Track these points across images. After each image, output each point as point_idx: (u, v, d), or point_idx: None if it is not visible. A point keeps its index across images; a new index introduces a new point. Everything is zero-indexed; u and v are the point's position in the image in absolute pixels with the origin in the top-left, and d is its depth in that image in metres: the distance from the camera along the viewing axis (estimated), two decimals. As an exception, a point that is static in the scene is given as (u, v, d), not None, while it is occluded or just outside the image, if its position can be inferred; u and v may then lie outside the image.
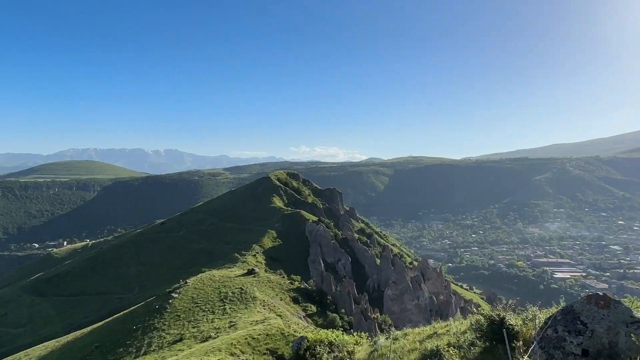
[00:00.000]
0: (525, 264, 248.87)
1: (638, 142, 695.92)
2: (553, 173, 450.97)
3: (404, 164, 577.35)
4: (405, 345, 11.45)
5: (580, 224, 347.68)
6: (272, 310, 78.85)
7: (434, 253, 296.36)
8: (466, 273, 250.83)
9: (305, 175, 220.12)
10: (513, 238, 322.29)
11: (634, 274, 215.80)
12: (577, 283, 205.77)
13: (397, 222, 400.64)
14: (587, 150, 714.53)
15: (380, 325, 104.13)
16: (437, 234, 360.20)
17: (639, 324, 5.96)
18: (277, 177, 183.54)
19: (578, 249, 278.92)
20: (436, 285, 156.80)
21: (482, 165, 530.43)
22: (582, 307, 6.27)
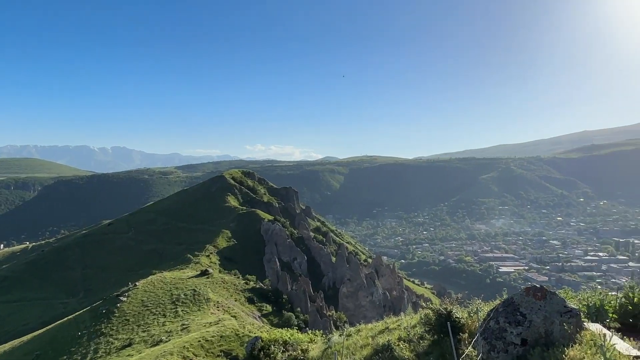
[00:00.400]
0: (473, 259, 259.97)
1: (574, 144, 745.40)
2: (498, 172, 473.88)
3: (359, 163, 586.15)
4: (358, 341, 11.65)
5: (523, 220, 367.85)
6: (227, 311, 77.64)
7: (387, 250, 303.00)
8: (418, 269, 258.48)
9: (260, 174, 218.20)
10: (462, 234, 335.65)
11: (571, 266, 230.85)
12: (520, 276, 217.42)
13: (353, 221, 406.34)
14: (529, 151, 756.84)
15: (335, 323, 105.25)
16: (391, 231, 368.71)
17: (572, 313, 6.41)
18: (231, 176, 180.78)
19: (521, 244, 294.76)
20: (389, 282, 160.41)
21: (433, 165, 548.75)
22: (521, 299, 6.65)
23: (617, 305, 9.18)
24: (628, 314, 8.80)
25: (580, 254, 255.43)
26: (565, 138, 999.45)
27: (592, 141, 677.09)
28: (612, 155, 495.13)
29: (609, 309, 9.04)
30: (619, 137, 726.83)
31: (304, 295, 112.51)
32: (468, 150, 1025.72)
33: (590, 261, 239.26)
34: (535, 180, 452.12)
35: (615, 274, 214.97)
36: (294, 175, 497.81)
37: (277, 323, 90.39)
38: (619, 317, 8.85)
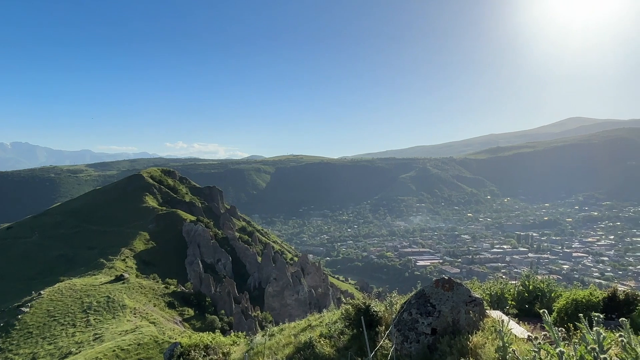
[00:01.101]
0: (393, 254, 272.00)
1: (483, 146, 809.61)
2: (416, 172, 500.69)
3: (285, 162, 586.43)
4: (280, 341, 11.63)
5: (438, 216, 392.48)
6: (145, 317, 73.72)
7: (313, 248, 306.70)
8: (342, 265, 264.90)
9: (182, 173, 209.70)
10: (383, 231, 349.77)
11: (479, 259, 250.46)
12: (435, 269, 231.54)
13: (279, 220, 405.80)
14: (443, 152, 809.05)
15: (261, 323, 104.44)
16: (317, 229, 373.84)
17: (476, 302, 6.93)
18: (150, 175, 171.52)
19: (436, 239, 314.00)
20: (315, 279, 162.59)
21: (357, 164, 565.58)
22: (431, 290, 7.05)
23: (515, 293, 10.15)
24: (524, 301, 9.76)
25: (487, 247, 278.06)
26: (474, 140, 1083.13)
27: (498, 144, 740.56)
28: (514, 157, 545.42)
29: (508, 297, 9.96)
30: (520, 140, 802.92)
31: (228, 297, 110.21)
32: (389, 151, 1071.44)
33: (496, 253, 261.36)
34: (449, 179, 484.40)
35: (517, 264, 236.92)
36: (218, 174, 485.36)
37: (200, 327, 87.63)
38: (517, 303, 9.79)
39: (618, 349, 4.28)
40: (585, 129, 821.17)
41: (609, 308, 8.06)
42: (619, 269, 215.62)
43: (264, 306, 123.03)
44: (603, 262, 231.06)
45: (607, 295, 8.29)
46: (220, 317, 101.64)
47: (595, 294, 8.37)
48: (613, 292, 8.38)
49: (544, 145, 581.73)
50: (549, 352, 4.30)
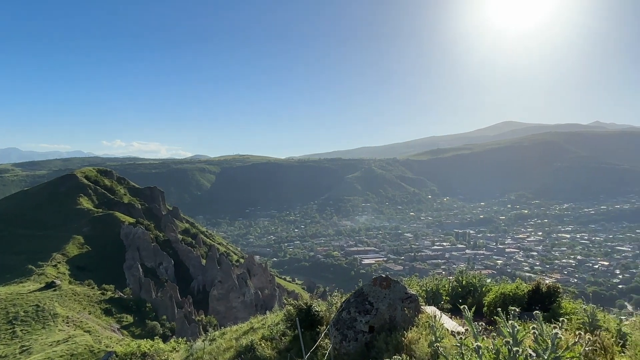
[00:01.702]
0: (340, 254, 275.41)
1: (424, 147, 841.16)
2: (362, 172, 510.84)
3: (231, 162, 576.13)
4: (221, 345, 11.36)
5: (382, 216, 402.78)
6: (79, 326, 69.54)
7: (260, 249, 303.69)
8: (290, 266, 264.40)
9: (121, 173, 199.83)
10: (330, 231, 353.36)
11: (421, 256, 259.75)
12: (380, 267, 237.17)
13: (224, 221, 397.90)
14: (387, 153, 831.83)
15: (205, 327, 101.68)
16: (264, 230, 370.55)
17: (411, 298, 7.15)
18: (85, 175, 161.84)
19: (380, 237, 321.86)
20: (262, 281, 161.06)
21: (304, 164, 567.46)
22: (369, 289, 7.19)
23: (450, 288, 10.61)
24: (458, 296, 10.22)
25: (428, 245, 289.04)
26: (417, 142, 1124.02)
27: (438, 145, 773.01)
28: (453, 158, 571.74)
29: (443, 293, 10.39)
30: (459, 142, 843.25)
31: (170, 301, 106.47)
32: (336, 152, 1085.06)
33: (436, 250, 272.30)
34: (393, 179, 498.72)
35: (456, 260, 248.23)
36: (160, 174, 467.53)
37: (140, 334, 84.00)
38: (451, 298, 10.23)
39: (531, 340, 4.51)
40: (516, 133, 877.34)
41: (533, 300, 8.64)
42: (546, 263, 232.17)
43: (209, 310, 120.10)
44: (532, 256, 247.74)
45: (531, 289, 8.90)
46: (162, 323, 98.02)
47: (521, 287, 8.95)
48: (537, 285, 8.99)
49: (480, 148, 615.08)
50: (468, 346, 4.55)
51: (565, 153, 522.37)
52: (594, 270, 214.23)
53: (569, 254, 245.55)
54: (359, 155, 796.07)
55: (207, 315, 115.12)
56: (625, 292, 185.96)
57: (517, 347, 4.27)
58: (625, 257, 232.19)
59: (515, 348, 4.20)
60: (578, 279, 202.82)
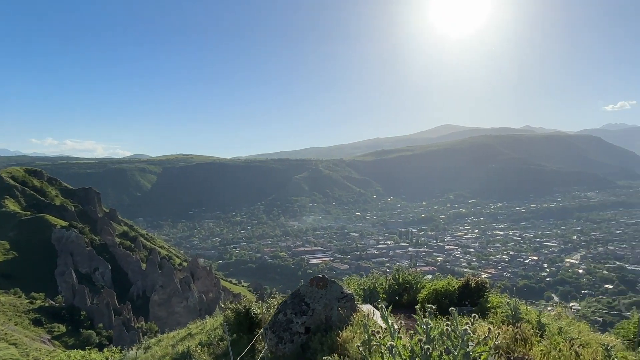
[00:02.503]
0: (287, 254, 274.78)
1: (370, 148, 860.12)
2: (309, 172, 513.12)
3: (173, 161, 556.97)
4: (156, 353, 10.87)
5: (329, 216, 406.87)
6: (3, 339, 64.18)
7: (204, 251, 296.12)
8: (236, 268, 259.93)
9: (52, 173, 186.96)
10: (277, 231, 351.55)
11: (367, 255, 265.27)
12: (327, 267, 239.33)
13: (167, 223, 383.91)
14: (334, 154, 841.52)
15: (145, 334, 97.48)
16: (208, 232, 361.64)
17: (347, 298, 7.23)
18: (11, 175, 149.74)
19: (327, 237, 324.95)
20: (206, 284, 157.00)
21: (251, 165, 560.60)
22: (306, 289, 7.18)
23: (387, 286, 10.88)
24: (395, 293, 10.51)
25: (373, 244, 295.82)
26: (362, 144, 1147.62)
27: (383, 147, 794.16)
28: (397, 159, 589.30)
29: (380, 290, 10.64)
30: (402, 144, 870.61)
31: (107, 308, 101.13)
32: (283, 152, 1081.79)
33: (381, 249, 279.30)
34: (339, 180, 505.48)
35: (399, 258, 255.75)
36: (96, 174, 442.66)
37: (74, 344, 79.00)
38: (388, 296, 10.50)
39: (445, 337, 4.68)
40: (455, 135, 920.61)
41: (463, 295, 9.06)
42: (482, 259, 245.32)
43: (149, 316, 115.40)
44: (470, 253, 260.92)
45: (462, 284, 9.33)
46: (98, 332, 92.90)
47: (452, 283, 9.36)
48: (466, 281, 9.45)
49: (421, 149, 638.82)
50: (381, 344, 4.62)
51: (499, 155, 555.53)
52: (525, 265, 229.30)
53: (503, 250, 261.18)
54: (306, 155, 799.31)
55: (148, 321, 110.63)
56: (552, 284, 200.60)
57: (427, 345, 4.30)
58: (552, 252, 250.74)
59: (426, 346, 4.23)
60: (511, 273, 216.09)
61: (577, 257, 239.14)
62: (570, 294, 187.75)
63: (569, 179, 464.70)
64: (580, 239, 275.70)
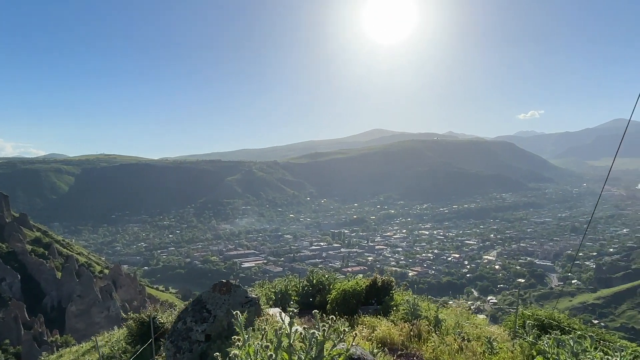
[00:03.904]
0: (219, 258, 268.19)
1: (304, 151, 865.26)
2: (242, 174, 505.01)
3: (94, 162, 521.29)
4: (54, 370, 9.96)
5: (263, 218, 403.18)
6: None
7: (129, 258, 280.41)
8: (163, 274, 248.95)
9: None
10: (208, 235, 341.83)
11: (300, 256, 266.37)
12: (260, 269, 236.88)
13: (86, 228, 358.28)
14: (268, 156, 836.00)
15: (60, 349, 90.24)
16: (133, 237, 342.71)
17: (251, 302, 7.10)
18: None
19: (261, 240, 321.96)
20: (130, 292, 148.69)
21: (180, 166, 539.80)
22: (208, 295, 6.95)
23: (301, 288, 10.91)
24: (308, 294, 10.57)
25: (307, 245, 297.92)
26: (296, 146, 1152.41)
27: (317, 149, 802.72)
28: (330, 162, 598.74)
29: (292, 293, 10.63)
30: (335, 147, 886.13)
31: (15, 322, 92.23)
32: (215, 153, 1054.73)
33: (314, 250, 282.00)
34: (273, 182, 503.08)
35: (332, 259, 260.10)
36: (4, 175, 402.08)
37: (-28, 365, 71.26)
38: (301, 298, 10.53)
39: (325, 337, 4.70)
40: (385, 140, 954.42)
41: (370, 294, 9.33)
42: (409, 258, 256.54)
43: (66, 329, 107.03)
44: (398, 252, 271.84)
45: (369, 284, 9.60)
46: (5, 349, 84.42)
47: (360, 283, 9.60)
48: (374, 280, 9.75)
49: (354, 153, 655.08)
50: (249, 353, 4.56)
51: (425, 159, 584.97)
52: (448, 262, 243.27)
53: (428, 249, 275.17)
54: (239, 157, 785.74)
55: (64, 334, 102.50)
56: (472, 280, 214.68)
57: (279, 349, 4.31)
58: (472, 250, 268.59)
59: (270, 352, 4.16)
60: (435, 271, 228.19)
61: (494, 254, 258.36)
62: (488, 289, 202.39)
63: (486, 182, 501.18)
64: (497, 237, 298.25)
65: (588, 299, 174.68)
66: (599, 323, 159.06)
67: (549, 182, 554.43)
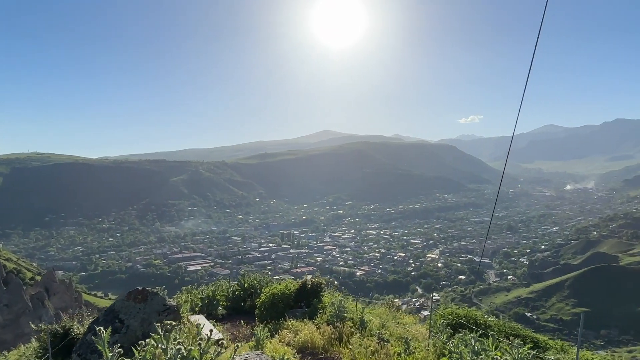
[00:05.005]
0: (162, 262, 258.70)
1: (253, 151, 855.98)
2: (188, 175, 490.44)
3: (25, 161, 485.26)
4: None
5: (210, 220, 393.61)
6: None
7: (64, 263, 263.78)
8: (102, 280, 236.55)
9: None
10: (151, 238, 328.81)
11: (248, 258, 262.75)
12: (206, 273, 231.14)
13: (16, 232, 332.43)
14: (215, 156, 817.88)
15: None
16: (69, 241, 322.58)
17: (170, 310, 6.80)
18: None
19: (208, 242, 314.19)
20: (64, 299, 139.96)
21: (121, 166, 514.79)
22: (122, 304, 6.57)
23: (231, 292, 10.64)
24: (240, 299, 10.32)
25: (255, 247, 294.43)
26: (245, 146, 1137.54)
27: (266, 150, 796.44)
28: (279, 163, 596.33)
29: (221, 298, 10.34)
30: (285, 148, 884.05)
31: None
32: (159, 152, 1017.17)
33: (263, 252, 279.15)
34: (221, 182, 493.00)
35: (281, 260, 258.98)
36: None
37: None
38: (232, 302, 10.27)
39: None
40: (334, 141, 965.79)
41: (300, 296, 9.27)
42: (357, 257, 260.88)
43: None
44: (347, 252, 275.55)
45: (299, 286, 9.54)
46: None
47: (289, 286, 9.52)
48: (304, 282, 9.70)
49: (303, 154, 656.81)
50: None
51: (373, 160, 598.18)
52: (394, 261, 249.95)
53: (375, 248, 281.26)
54: (185, 157, 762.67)
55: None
56: (417, 277, 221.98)
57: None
58: (417, 249, 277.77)
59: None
60: (382, 270, 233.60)
61: (437, 252, 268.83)
62: (432, 286, 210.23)
63: (430, 183, 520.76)
64: (440, 236, 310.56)
65: (522, 293, 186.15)
66: (532, 316, 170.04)
67: (487, 183, 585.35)
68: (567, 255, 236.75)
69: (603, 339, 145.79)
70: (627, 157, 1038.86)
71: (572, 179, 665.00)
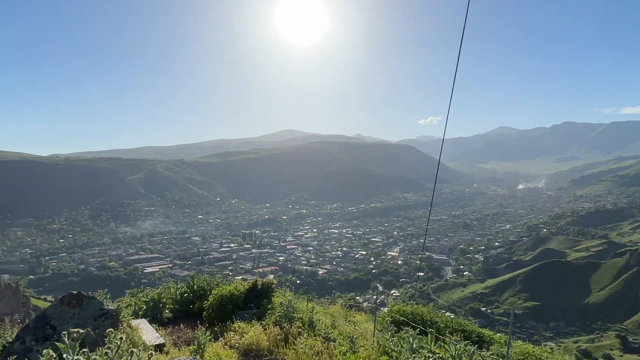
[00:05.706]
0: (118, 264, 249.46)
1: (213, 150, 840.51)
2: (145, 173, 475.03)
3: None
4: None
5: (168, 220, 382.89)
6: None
7: (10, 266, 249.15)
8: (53, 283, 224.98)
9: None
10: (105, 239, 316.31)
11: (209, 259, 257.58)
12: (165, 274, 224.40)
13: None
14: (174, 154, 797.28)
15: None
16: (16, 242, 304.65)
17: (107, 315, 6.49)
18: None
19: (166, 243, 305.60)
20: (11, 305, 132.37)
21: (73, 164, 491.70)
22: (54, 310, 6.20)
23: (179, 295, 10.33)
24: (189, 301, 10.03)
25: (216, 247, 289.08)
26: (205, 144, 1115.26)
27: (227, 148, 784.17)
28: (241, 161, 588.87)
29: (167, 301, 10.03)
30: (246, 146, 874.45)
31: None
32: (114, 150, 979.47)
33: (224, 252, 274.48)
34: (180, 181, 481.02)
35: (243, 260, 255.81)
36: None
37: None
38: (181, 305, 9.96)
39: None
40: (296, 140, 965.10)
41: (250, 298, 9.12)
42: (320, 256, 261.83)
43: None
44: (309, 251, 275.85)
45: (249, 287, 9.40)
46: None
47: (239, 287, 9.35)
48: (254, 283, 9.57)
49: (265, 152, 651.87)
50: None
51: (335, 160, 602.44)
52: (356, 259, 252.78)
53: (337, 247, 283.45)
54: (142, 155, 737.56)
55: None
56: (377, 275, 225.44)
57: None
58: (377, 247, 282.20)
59: None
60: (344, 268, 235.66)
61: (397, 250, 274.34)
62: (392, 283, 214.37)
63: (391, 182, 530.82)
64: (400, 234, 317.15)
65: (477, 288, 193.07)
66: (487, 310, 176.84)
67: (445, 183, 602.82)
68: (519, 252, 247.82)
69: (552, 331, 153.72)
70: (574, 158, 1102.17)
71: (524, 179, 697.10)
